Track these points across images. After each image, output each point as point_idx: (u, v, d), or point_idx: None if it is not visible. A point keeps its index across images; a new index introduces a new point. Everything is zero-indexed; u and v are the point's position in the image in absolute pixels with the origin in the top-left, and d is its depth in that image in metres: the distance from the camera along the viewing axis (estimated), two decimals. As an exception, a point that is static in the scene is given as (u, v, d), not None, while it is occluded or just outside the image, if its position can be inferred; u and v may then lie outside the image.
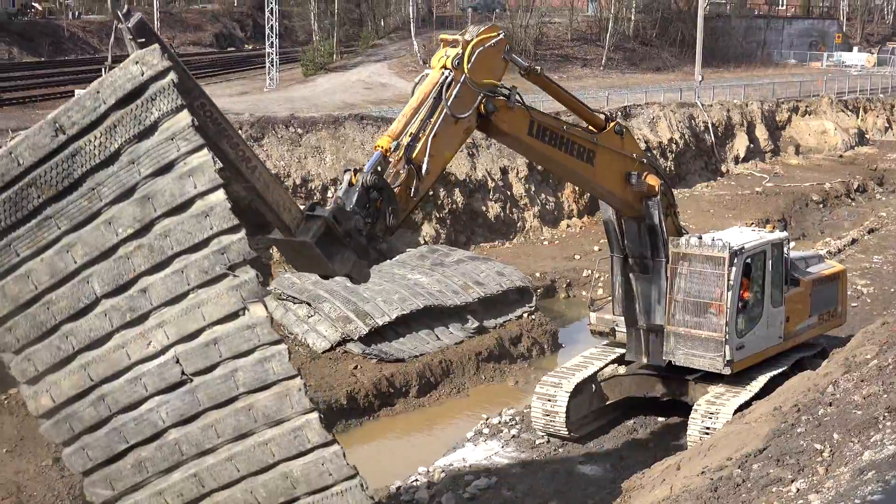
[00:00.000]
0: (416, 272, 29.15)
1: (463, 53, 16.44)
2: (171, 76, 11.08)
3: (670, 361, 20.74)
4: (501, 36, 17.51)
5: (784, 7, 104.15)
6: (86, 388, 11.68)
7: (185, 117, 11.13)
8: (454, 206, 36.28)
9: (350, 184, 15.04)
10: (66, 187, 11.32)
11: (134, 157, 11.23)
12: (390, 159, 15.78)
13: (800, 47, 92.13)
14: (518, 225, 38.59)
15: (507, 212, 38.29)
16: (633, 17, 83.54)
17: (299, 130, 33.80)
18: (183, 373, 11.53)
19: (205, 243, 11.31)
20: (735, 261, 19.92)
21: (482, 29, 17.31)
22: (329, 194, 31.93)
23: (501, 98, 17.31)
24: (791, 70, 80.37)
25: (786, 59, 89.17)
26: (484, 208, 37.50)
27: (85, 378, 11.66)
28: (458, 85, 16.42)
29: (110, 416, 11.73)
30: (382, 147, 15.76)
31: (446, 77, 16.29)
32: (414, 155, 16.02)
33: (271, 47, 53.23)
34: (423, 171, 16.18)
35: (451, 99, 16.24)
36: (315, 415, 11.91)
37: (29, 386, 11.83)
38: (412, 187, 16.06)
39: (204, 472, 11.74)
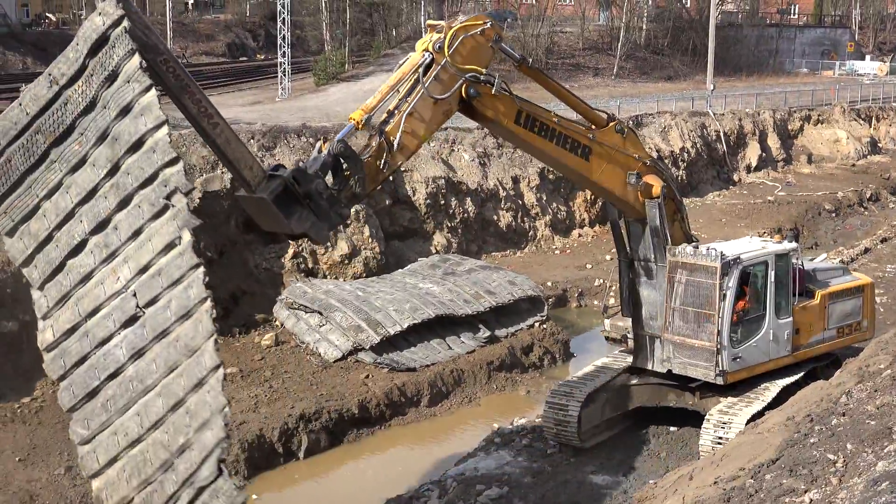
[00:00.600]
0: (427, 281, 29.16)
1: (444, 38, 16.98)
2: (125, 23, 11.84)
3: (670, 369, 20.93)
4: (489, 25, 17.93)
5: (796, 16, 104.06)
6: (75, 323, 12.15)
7: (136, 60, 11.79)
8: (466, 215, 36.30)
9: (319, 151, 15.85)
10: (62, 133, 12.38)
11: (105, 101, 12.07)
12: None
13: (812, 56, 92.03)
14: (529, 234, 38.58)
15: (519, 221, 38.27)
16: (644, 27, 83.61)
17: (311, 140, 33.79)
18: (137, 306, 11.82)
19: (153, 177, 11.75)
20: (730, 271, 19.89)
21: (470, 17, 18.07)
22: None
23: (486, 84, 17.67)
24: (803, 79, 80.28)
25: (798, 67, 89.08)
26: (495, 217, 37.50)
27: (76, 313, 12.14)
28: (439, 67, 16.97)
29: (90, 351, 12.07)
30: (355, 119, 16.50)
31: (426, 59, 16.95)
32: (388, 129, 16.68)
33: (283, 57, 53.43)
34: (396, 145, 16.67)
35: (429, 80, 16.81)
36: (213, 338, 11.62)
37: (42, 321, 12.42)
38: (382, 160, 16.55)
39: (142, 409, 11.69)
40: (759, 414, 18.99)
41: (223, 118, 14.48)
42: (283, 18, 54.11)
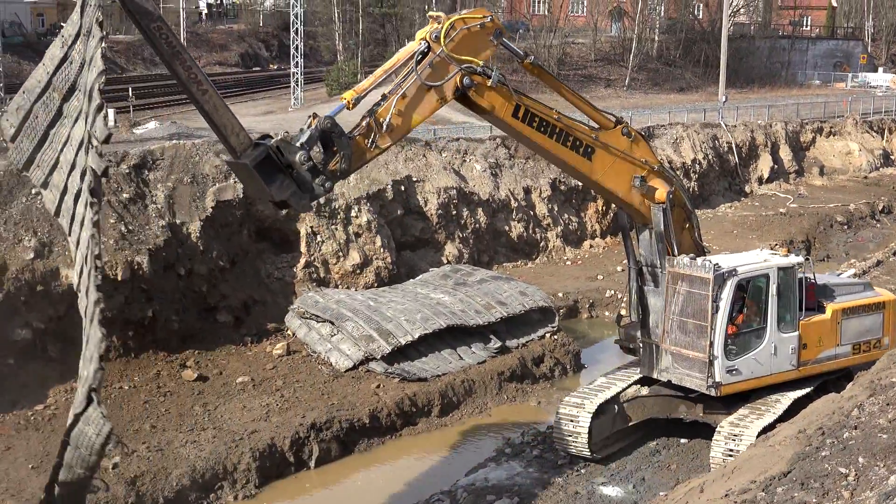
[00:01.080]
0: (438, 291, 29.19)
1: (442, 28, 17.72)
2: None
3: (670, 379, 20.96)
4: (489, 19, 18.57)
5: (808, 28, 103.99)
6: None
7: (96, 16, 12.71)
8: (477, 225, 36.33)
9: (308, 126, 16.68)
10: (68, 89, 13.47)
11: (85, 59, 12.95)
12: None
13: (824, 68, 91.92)
14: (541, 245, 38.58)
15: (530, 232, 38.28)
16: (656, 38, 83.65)
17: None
18: None
19: (90, 123, 12.49)
20: (724, 283, 19.78)
21: (471, 10, 18.23)
22: (353, 213, 32.06)
23: (483, 76, 18.22)
24: (815, 91, 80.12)
25: (810, 79, 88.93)
26: (507, 228, 37.52)
27: None
28: (434, 56, 17.73)
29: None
30: (346, 99, 17.34)
31: (422, 47, 17.81)
32: (378, 110, 17.48)
33: (296, 67, 53.61)
34: (385, 126, 17.47)
35: (423, 68, 17.67)
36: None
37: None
38: (370, 139, 17.40)
39: None
40: (771, 426, 18.92)
41: (212, 86, 15.52)
42: (296, 29, 54.30)
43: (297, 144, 16.46)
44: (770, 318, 20.54)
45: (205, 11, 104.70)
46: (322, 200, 31.21)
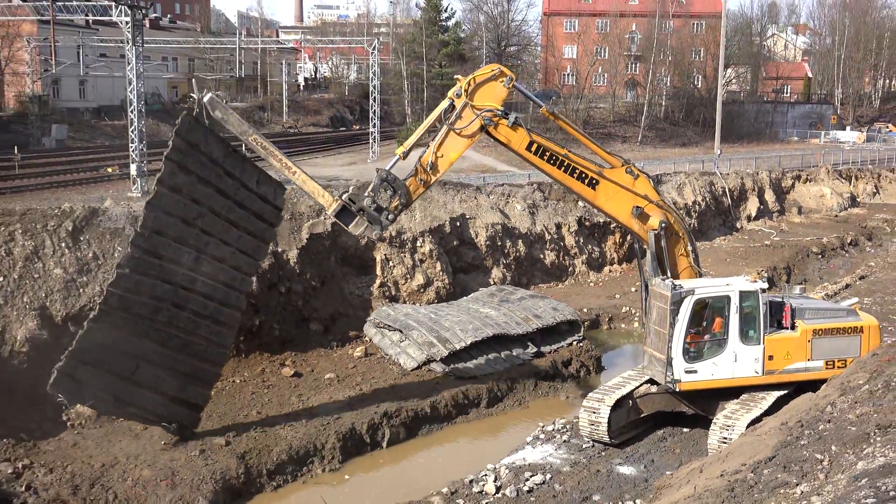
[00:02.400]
0: (486, 307, 29.17)
1: (461, 87, 19.29)
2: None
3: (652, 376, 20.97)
4: (498, 70, 19.71)
5: (788, 94, 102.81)
6: None
7: None
8: (518, 254, 36.30)
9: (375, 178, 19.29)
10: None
11: None
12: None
13: (801, 127, 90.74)
14: (569, 269, 38.42)
15: (561, 259, 38.16)
16: (663, 103, 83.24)
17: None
18: None
19: None
20: (681, 300, 19.64)
21: (483, 68, 20.06)
22: (418, 244, 32.21)
23: (502, 118, 19.43)
24: (794, 146, 79.24)
25: (790, 136, 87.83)
26: (542, 256, 37.44)
27: None
28: (460, 107, 19.29)
29: None
30: (398, 153, 19.54)
31: (449, 104, 19.42)
32: (422, 157, 19.31)
33: (373, 127, 54.12)
34: (429, 167, 19.35)
35: (452, 119, 19.30)
36: None
37: None
38: (420, 179, 19.39)
39: None
40: (758, 419, 18.66)
41: (300, 168, 19.28)
42: (374, 97, 54.87)
43: (366, 193, 19.12)
44: (731, 332, 20.03)
45: (302, 84, 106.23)
46: (394, 233, 31.59)
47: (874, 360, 16.26)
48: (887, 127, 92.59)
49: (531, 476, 19.20)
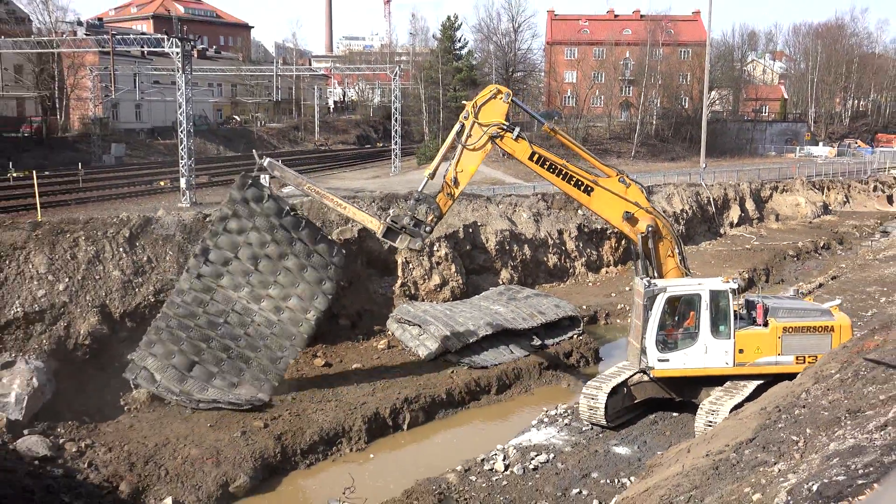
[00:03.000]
0: (496, 304, 29.12)
1: (468, 109, 20.15)
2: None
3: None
4: (495, 90, 20.47)
5: (766, 114, 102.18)
6: None
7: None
8: (524, 257, 36.21)
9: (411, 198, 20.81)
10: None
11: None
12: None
13: (778, 143, 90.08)
14: (570, 271, 38.29)
15: (562, 261, 38.04)
16: (654, 122, 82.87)
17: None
18: None
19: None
20: (654, 297, 19.76)
21: (483, 90, 20.68)
22: (435, 248, 32.20)
23: (508, 132, 20.10)
24: (772, 160, 78.69)
25: (768, 151, 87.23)
26: (545, 259, 37.34)
27: None
28: (470, 126, 20.10)
29: None
30: (427, 174, 20.52)
31: (459, 127, 20.29)
32: (447, 175, 20.26)
33: (395, 145, 54.21)
34: (453, 182, 20.26)
35: (464, 138, 20.15)
36: None
37: None
38: (447, 193, 20.34)
39: None
40: (740, 405, 18.54)
41: (348, 205, 20.82)
42: (396, 118, 54.97)
43: (403, 213, 20.70)
44: (702, 326, 19.89)
45: (332, 106, 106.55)
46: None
47: (844, 351, 16.10)
48: (856, 143, 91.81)
49: (536, 455, 19.14)
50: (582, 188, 20.37)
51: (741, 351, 19.99)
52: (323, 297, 22.03)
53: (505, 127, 19.96)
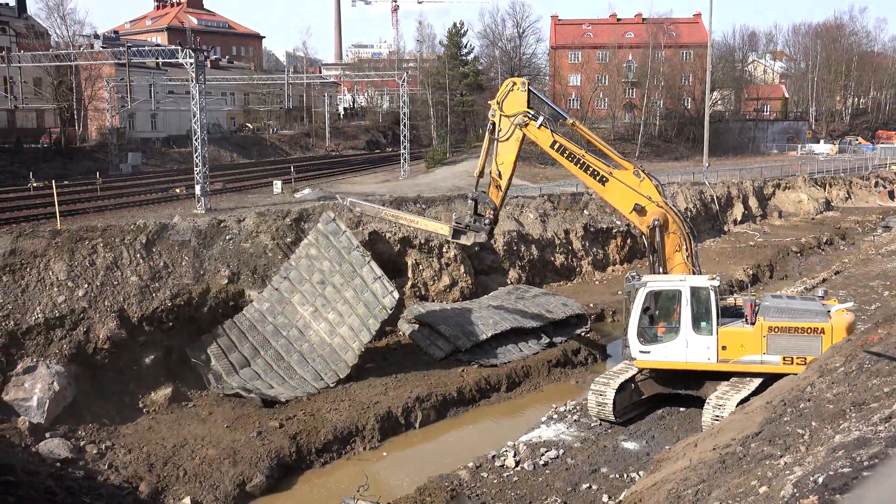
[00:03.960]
0: (505, 304, 29.04)
1: (493, 107, 21.18)
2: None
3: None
4: (511, 83, 21.31)
5: (768, 112, 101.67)
6: None
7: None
8: (531, 257, 36.13)
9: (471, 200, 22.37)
10: None
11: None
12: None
13: (780, 141, 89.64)
14: (577, 270, 38.19)
15: (569, 261, 37.93)
16: (657, 123, 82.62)
17: (423, 206, 34.21)
18: None
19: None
20: (636, 292, 19.91)
21: (501, 86, 21.58)
22: (444, 249, 32.13)
23: (532, 119, 20.81)
24: (774, 158, 78.29)
25: (770, 150, 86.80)
26: (552, 258, 37.24)
27: None
28: (499, 120, 21.06)
29: None
30: (475, 174, 21.98)
31: (491, 125, 21.23)
32: (492, 169, 21.18)
33: (404, 149, 54.22)
34: (498, 175, 21.24)
35: (496, 133, 21.08)
36: None
37: None
38: (496, 186, 21.38)
39: None
40: (746, 399, 18.38)
41: (418, 216, 23.50)
42: (404, 123, 54.98)
43: (465, 215, 22.30)
44: (683, 321, 19.74)
45: (342, 113, 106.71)
46: (423, 240, 31.61)
47: (849, 344, 15.96)
48: (857, 139, 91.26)
49: (546, 451, 19.06)
50: (598, 178, 20.75)
51: (724, 348, 19.66)
52: (367, 332, 23.69)
53: (530, 115, 20.82)
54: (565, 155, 20.80)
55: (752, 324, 19.74)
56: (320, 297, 24.18)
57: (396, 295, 24.14)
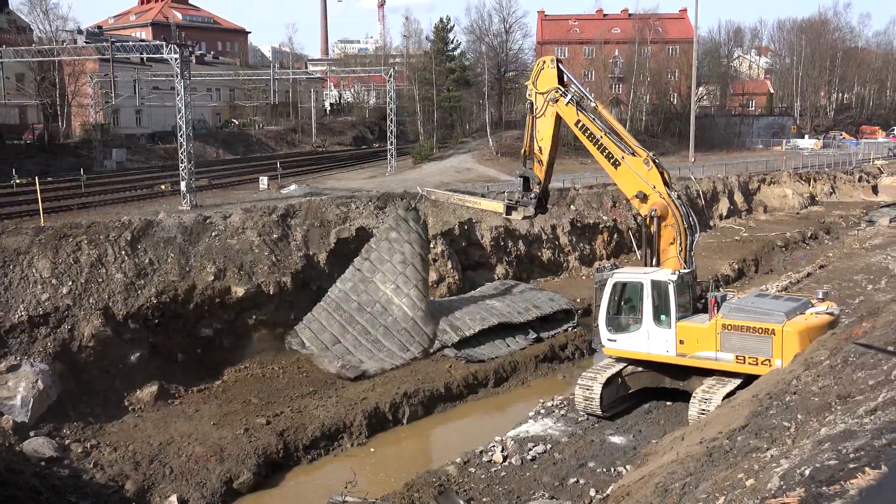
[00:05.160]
0: (492, 299, 29.06)
1: (529, 88, 22.51)
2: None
3: None
4: (542, 62, 22.56)
5: (753, 108, 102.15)
6: None
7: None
8: (518, 252, 36.13)
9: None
10: None
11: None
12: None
13: (765, 136, 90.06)
14: (563, 265, 38.22)
15: (556, 256, 37.97)
16: (644, 118, 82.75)
17: (411, 199, 34.09)
18: None
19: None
20: (604, 283, 20.62)
21: (535, 66, 22.84)
22: (432, 245, 32.08)
23: (562, 97, 21.67)
24: (759, 153, 78.59)
25: (755, 145, 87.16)
26: (539, 254, 37.26)
27: None
28: (535, 98, 22.29)
29: None
30: (523, 153, 23.43)
31: (528, 104, 22.52)
32: (535, 144, 22.44)
33: (391, 145, 54.08)
34: (539, 149, 22.46)
35: (535, 110, 22.26)
36: None
37: None
38: (539, 161, 22.66)
39: None
40: (732, 392, 18.45)
41: (483, 199, 26.55)
42: (391, 119, 54.84)
43: (515, 191, 24.03)
44: (645, 314, 20.04)
45: (329, 108, 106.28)
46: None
47: (833, 338, 16.06)
48: (841, 135, 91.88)
49: (534, 446, 19.09)
50: (611, 161, 21.25)
51: (682, 342, 19.77)
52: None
53: (560, 92, 21.69)
54: (587, 134, 21.48)
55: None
56: (401, 275, 25.89)
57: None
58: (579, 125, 21.51)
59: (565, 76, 22.33)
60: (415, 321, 25.37)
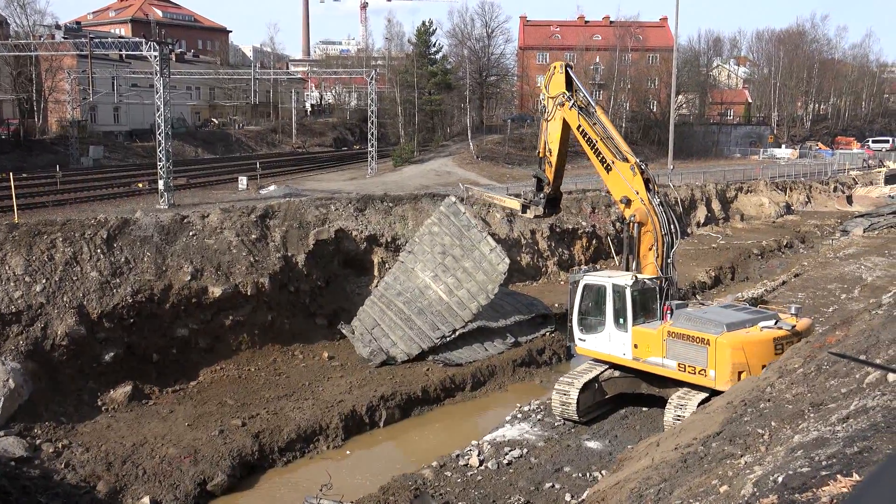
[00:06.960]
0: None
1: (541, 91, 23.13)
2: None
3: None
4: (552, 67, 23.09)
5: (731, 117, 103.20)
6: None
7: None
8: (498, 256, 36.13)
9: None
10: None
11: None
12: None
13: (743, 145, 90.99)
14: (542, 270, 38.32)
15: (535, 261, 38.06)
16: (623, 125, 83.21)
17: (390, 204, 34.03)
18: None
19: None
20: (576, 285, 21.16)
21: (547, 72, 23.31)
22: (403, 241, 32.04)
23: (567, 101, 22.16)
24: (737, 161, 79.41)
25: (733, 153, 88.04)
26: (518, 258, 37.31)
27: None
28: (546, 102, 23.06)
29: None
30: (538, 154, 23.86)
31: (542, 106, 23.41)
32: (545, 147, 23.15)
33: (371, 147, 53.97)
34: (548, 151, 23.16)
35: (545, 112, 23.07)
36: None
37: None
38: (549, 162, 23.38)
39: None
40: (707, 399, 18.58)
41: (508, 197, 27.15)
42: (372, 121, 54.74)
43: (531, 192, 24.90)
44: (607, 316, 20.47)
45: (309, 109, 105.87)
46: (389, 239, 31.46)
47: (807, 346, 16.23)
48: (817, 145, 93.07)
49: (510, 450, 19.11)
50: (604, 165, 21.73)
51: (636, 346, 20.12)
52: (485, 296, 26.50)
53: (566, 96, 22.24)
54: (585, 138, 21.94)
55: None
56: (440, 265, 27.28)
57: (508, 261, 27.20)
58: (579, 129, 22.02)
59: (574, 82, 22.66)
60: (450, 305, 26.53)
